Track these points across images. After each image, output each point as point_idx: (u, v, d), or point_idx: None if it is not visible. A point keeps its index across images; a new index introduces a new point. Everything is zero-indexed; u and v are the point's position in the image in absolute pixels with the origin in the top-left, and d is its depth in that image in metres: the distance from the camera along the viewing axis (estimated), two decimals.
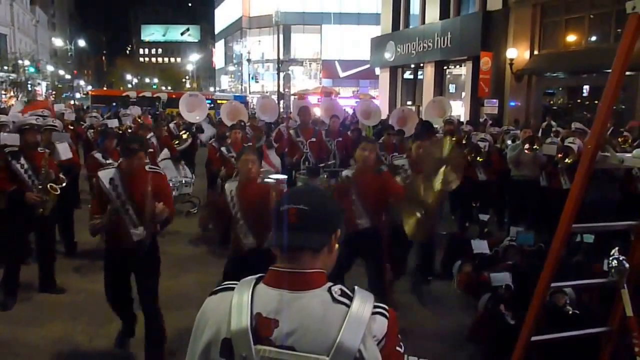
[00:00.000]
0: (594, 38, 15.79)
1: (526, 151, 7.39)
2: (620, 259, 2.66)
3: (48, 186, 5.11)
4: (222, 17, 59.39)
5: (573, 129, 8.48)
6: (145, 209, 3.70)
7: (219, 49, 66.47)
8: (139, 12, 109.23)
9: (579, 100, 17.30)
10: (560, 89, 18.17)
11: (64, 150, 5.96)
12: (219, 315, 1.33)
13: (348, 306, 1.29)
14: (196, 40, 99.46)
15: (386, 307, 1.35)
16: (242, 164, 4.11)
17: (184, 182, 8.79)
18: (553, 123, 12.28)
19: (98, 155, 6.64)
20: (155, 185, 3.82)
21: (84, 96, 66.10)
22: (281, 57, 35.46)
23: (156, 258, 4.01)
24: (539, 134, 9.81)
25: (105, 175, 3.83)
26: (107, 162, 6.48)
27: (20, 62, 42.33)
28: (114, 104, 26.42)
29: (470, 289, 5.34)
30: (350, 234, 4.64)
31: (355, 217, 4.61)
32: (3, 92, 39.51)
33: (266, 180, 4.41)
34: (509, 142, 8.57)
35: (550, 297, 3.93)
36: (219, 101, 29.68)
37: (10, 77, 40.31)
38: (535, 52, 17.08)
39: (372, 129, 12.17)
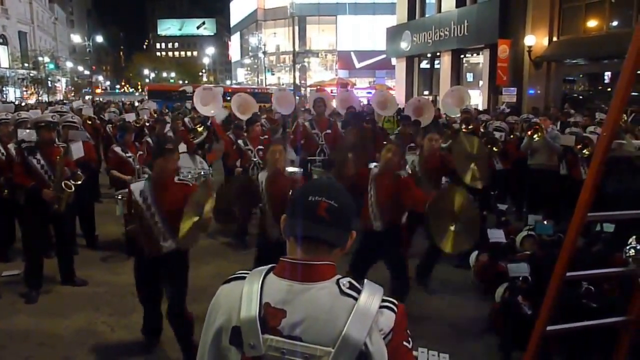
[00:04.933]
0: (615, 23, 15.45)
1: (528, 137, 7.46)
2: (638, 248, 2.63)
3: (63, 184, 5.19)
4: (238, 10, 59.49)
5: (598, 119, 8.39)
6: (174, 219, 3.75)
7: (234, 42, 66.63)
8: (155, 7, 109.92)
9: (600, 87, 16.97)
10: (581, 75, 17.83)
11: (77, 150, 6.04)
12: (230, 303, 1.35)
13: (356, 299, 1.29)
14: (212, 34, 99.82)
15: (395, 301, 1.35)
16: (270, 155, 4.24)
17: (202, 172, 8.87)
18: (572, 111, 12.07)
19: (118, 149, 6.74)
20: (185, 197, 3.84)
21: (102, 91, 66.91)
22: (297, 49, 35.44)
23: (185, 268, 4.08)
24: (558, 123, 9.69)
25: (136, 188, 3.91)
26: (127, 155, 6.61)
27: (40, 59, 43.03)
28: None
29: (487, 279, 5.31)
30: (367, 235, 4.59)
31: (371, 217, 4.56)
32: (24, 88, 40.20)
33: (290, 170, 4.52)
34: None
35: (568, 287, 3.89)
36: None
37: (31, 74, 40.97)
38: (555, 39, 16.77)
39: (395, 121, 11.95)
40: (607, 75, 16.54)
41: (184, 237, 3.66)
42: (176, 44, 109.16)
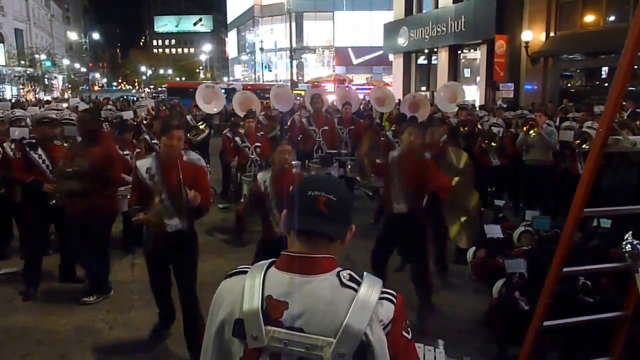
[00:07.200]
0: (612, 18, 15.43)
1: (524, 133, 7.47)
2: (634, 242, 2.64)
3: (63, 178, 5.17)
4: (234, 6, 59.21)
5: (597, 112, 8.39)
6: (181, 197, 3.74)
7: (231, 38, 66.44)
8: (152, 4, 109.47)
9: (597, 82, 16.96)
10: (578, 71, 17.83)
11: None
12: (233, 296, 1.38)
13: (356, 290, 1.32)
14: (209, 30, 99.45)
15: (394, 293, 1.38)
16: (279, 154, 4.26)
17: None
18: (570, 106, 12.08)
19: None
20: (192, 176, 3.85)
21: (99, 88, 66.77)
22: (294, 45, 35.38)
23: (193, 248, 4.04)
24: (557, 119, 9.70)
25: (142, 164, 3.86)
26: (125, 153, 6.58)
27: (36, 56, 42.80)
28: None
29: (485, 274, 5.33)
30: (390, 219, 4.68)
31: (392, 200, 4.61)
32: (21, 86, 40.03)
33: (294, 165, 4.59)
34: None
35: (564, 282, 3.91)
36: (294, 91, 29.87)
37: (28, 72, 40.78)
38: (552, 34, 16.76)
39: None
40: (604, 70, 16.54)
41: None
42: (173, 41, 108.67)
